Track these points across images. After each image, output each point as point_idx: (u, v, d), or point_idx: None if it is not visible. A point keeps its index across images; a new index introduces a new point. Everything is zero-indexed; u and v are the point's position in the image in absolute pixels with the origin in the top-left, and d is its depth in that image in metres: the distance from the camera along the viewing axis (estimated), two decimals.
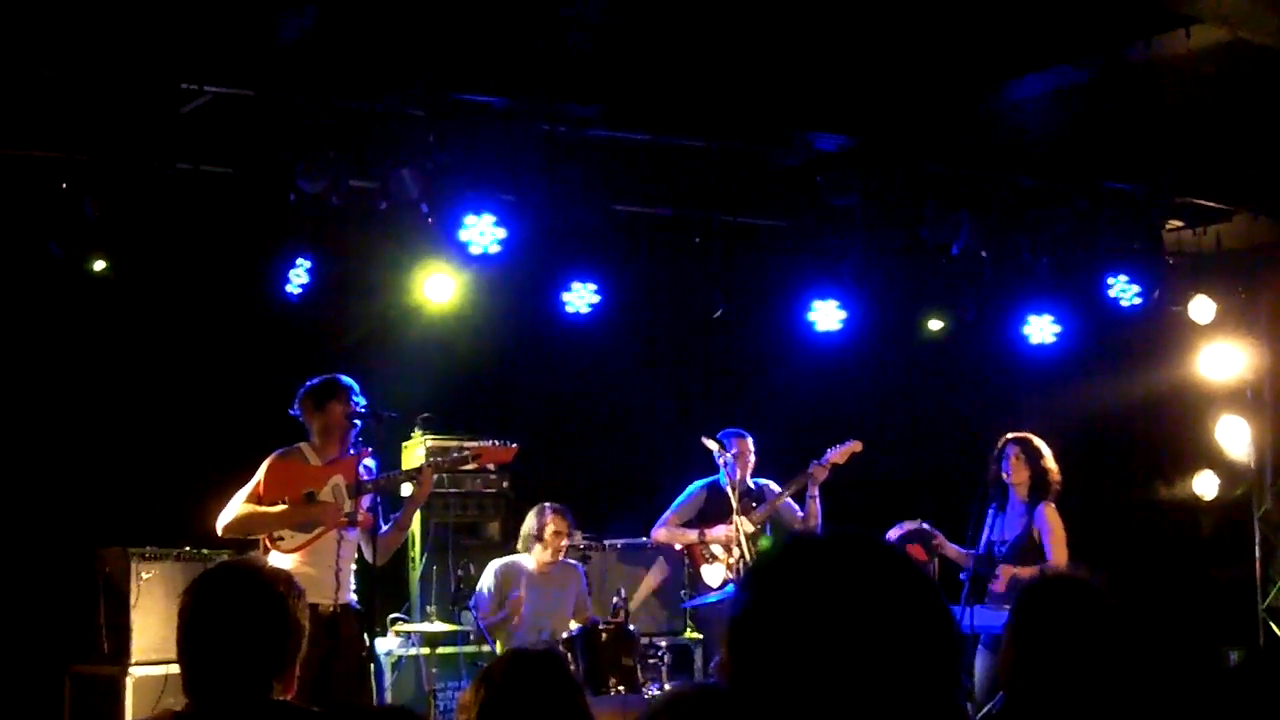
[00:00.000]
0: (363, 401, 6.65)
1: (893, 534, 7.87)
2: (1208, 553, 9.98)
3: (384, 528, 6.72)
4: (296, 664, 2.84)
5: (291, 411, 6.68)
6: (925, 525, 7.84)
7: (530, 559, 7.89)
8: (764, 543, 8.25)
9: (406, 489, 6.94)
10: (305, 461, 6.62)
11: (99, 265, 7.46)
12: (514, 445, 7.24)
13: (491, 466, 8.26)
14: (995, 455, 7.60)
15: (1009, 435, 7.64)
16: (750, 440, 8.33)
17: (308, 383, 6.69)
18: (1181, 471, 9.89)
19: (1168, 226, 9.32)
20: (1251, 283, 9.76)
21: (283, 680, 2.80)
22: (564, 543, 7.85)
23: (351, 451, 6.67)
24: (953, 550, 7.77)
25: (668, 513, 8.47)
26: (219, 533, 6.48)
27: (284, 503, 6.48)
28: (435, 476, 6.92)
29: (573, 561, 8.13)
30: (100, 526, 7.62)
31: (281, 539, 6.46)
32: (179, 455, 7.95)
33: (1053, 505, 7.51)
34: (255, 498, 6.49)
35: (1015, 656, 3.20)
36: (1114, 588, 3.25)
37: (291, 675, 2.83)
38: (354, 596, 6.59)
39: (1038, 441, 7.60)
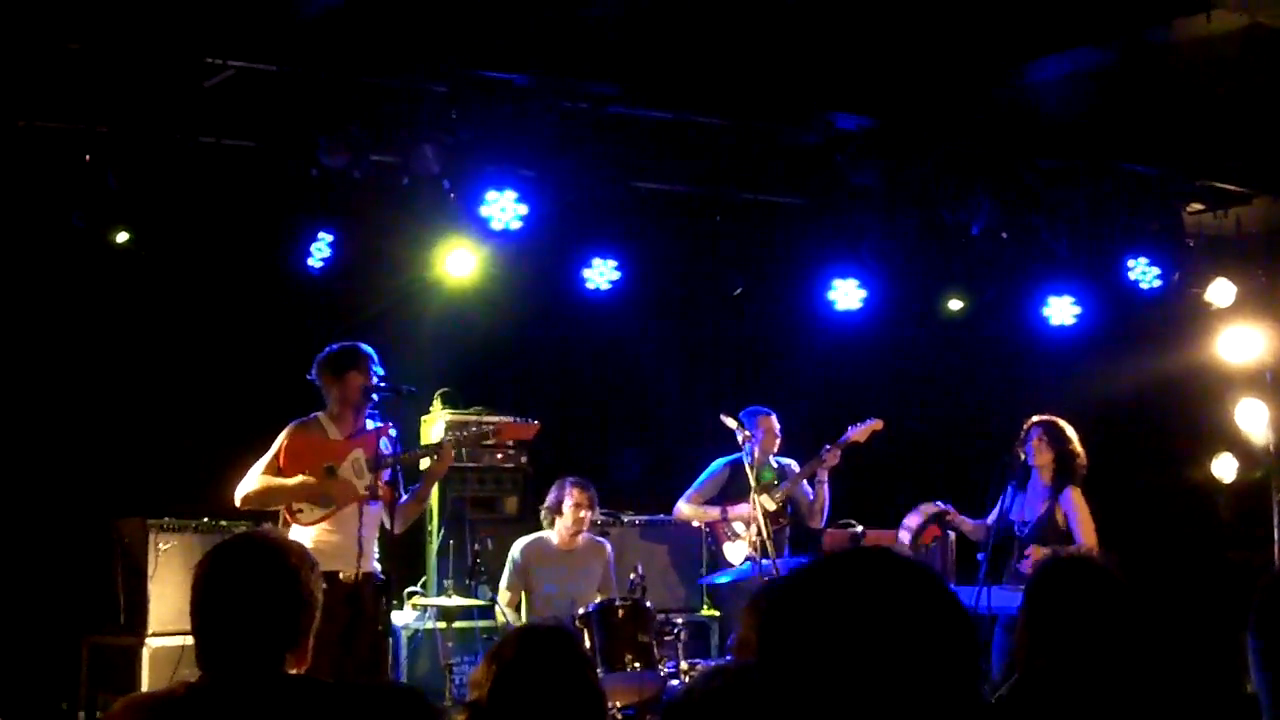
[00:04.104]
0: (381, 372, 6.64)
1: (912, 520, 7.87)
2: (1226, 535, 9.96)
3: (403, 497, 6.75)
4: (310, 637, 2.83)
5: (309, 376, 6.67)
6: (940, 504, 7.85)
7: (551, 536, 7.93)
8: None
9: (425, 464, 6.98)
10: (325, 434, 6.60)
11: (121, 237, 7.51)
12: (535, 423, 7.23)
13: (510, 442, 8.28)
14: (1021, 436, 7.60)
15: (1035, 418, 7.64)
16: (774, 418, 8.34)
17: (328, 348, 6.67)
18: (1200, 454, 9.86)
19: (1188, 209, 9.29)
20: (1271, 265, 9.71)
21: (296, 653, 2.80)
22: (584, 515, 7.87)
23: (370, 426, 6.67)
24: (967, 524, 7.79)
25: (691, 489, 8.50)
26: (237, 503, 6.48)
27: (304, 475, 6.49)
28: (454, 452, 6.94)
29: (600, 539, 8.15)
30: (119, 497, 7.67)
31: (300, 511, 6.46)
32: (199, 427, 7.99)
33: (1078, 489, 7.50)
34: (275, 469, 6.47)
35: (1029, 638, 3.22)
36: (1131, 570, 3.26)
37: (305, 648, 2.82)
38: (378, 565, 6.60)
39: (1063, 424, 7.58)
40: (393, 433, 6.72)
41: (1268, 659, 2.35)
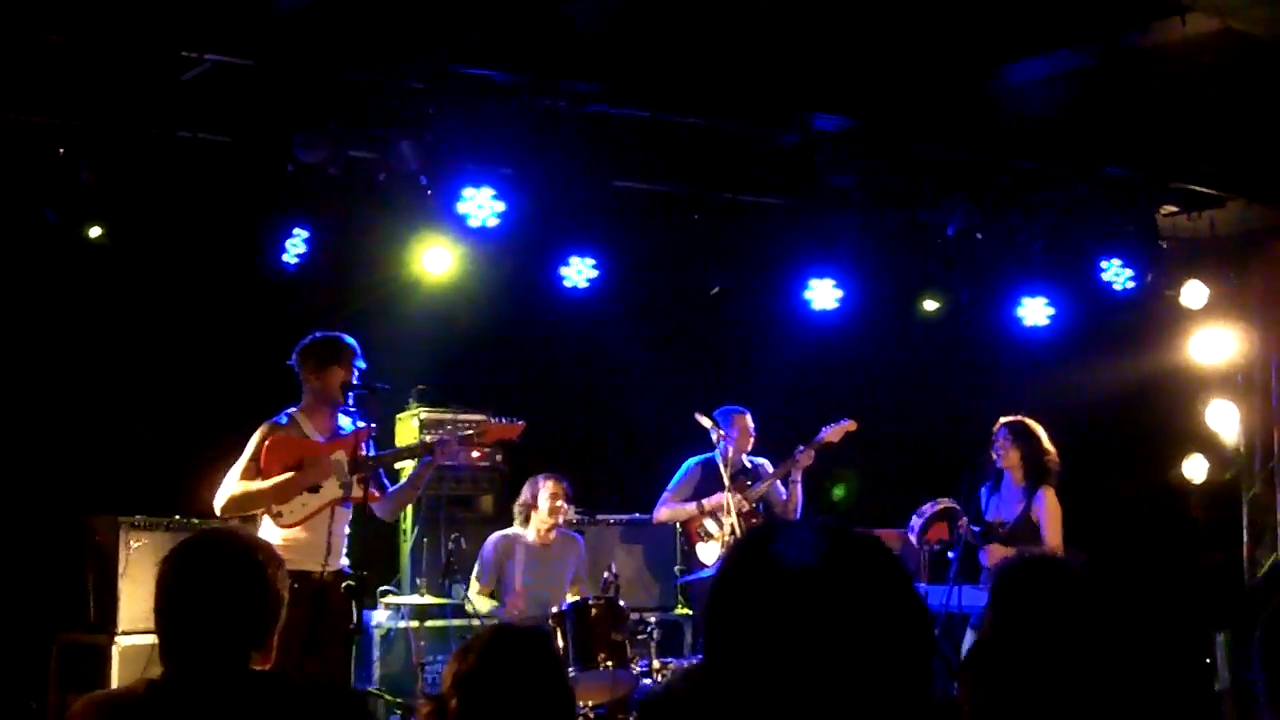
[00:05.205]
0: (364, 366, 6.55)
1: (927, 508, 7.83)
2: (1197, 536, 10.02)
3: (391, 488, 6.70)
4: (275, 634, 2.84)
5: (289, 362, 6.56)
6: (953, 504, 7.80)
7: (527, 531, 7.92)
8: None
9: (410, 465, 6.90)
10: (304, 434, 6.49)
11: (94, 232, 7.47)
12: (520, 422, 7.04)
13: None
14: (991, 438, 7.61)
15: (1002, 419, 7.65)
16: (749, 417, 8.36)
17: (312, 335, 6.57)
18: (1171, 455, 9.92)
19: (1162, 211, 9.34)
20: (1244, 268, 9.78)
21: (261, 650, 2.80)
22: (560, 504, 7.85)
23: (349, 427, 6.58)
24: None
25: (666, 492, 8.51)
26: (218, 512, 6.36)
27: (283, 476, 6.35)
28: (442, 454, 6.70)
29: (574, 535, 8.14)
30: (91, 495, 7.62)
31: (280, 514, 6.36)
32: (171, 424, 7.96)
33: (1052, 490, 7.47)
34: (254, 472, 6.35)
35: (994, 638, 3.22)
36: (1103, 570, 3.27)
37: (270, 645, 2.82)
38: (347, 561, 6.53)
39: (1031, 424, 7.58)
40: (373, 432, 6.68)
41: (1275, 695, 2.36)
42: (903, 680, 1.60)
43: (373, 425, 6.66)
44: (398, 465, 7.22)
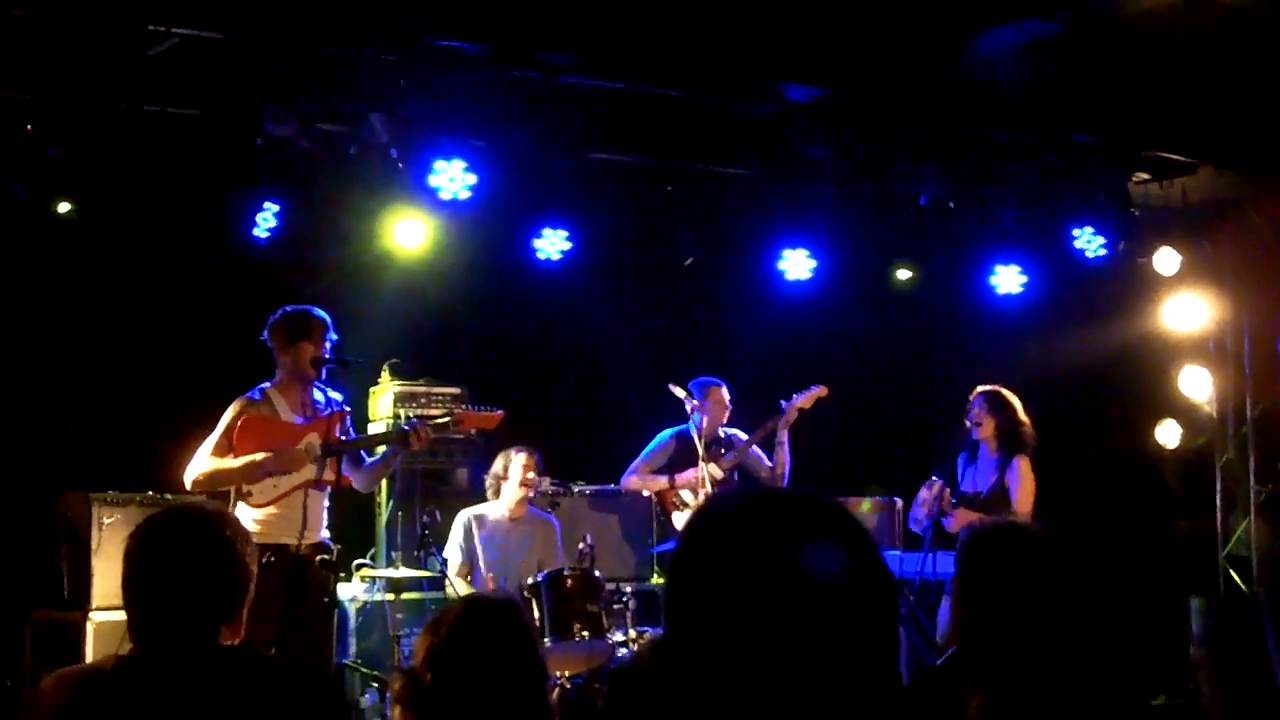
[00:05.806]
0: (335, 337, 6.52)
1: (924, 494, 7.68)
2: (1170, 502, 10.08)
3: (368, 460, 6.69)
4: (244, 609, 2.84)
5: (261, 337, 6.53)
6: (941, 482, 7.71)
7: (498, 506, 7.90)
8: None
9: (383, 449, 6.88)
10: (276, 413, 6.44)
11: (63, 207, 7.42)
12: (499, 412, 6.98)
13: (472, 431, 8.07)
14: (966, 408, 7.59)
15: (978, 389, 7.63)
16: (725, 389, 8.36)
17: (282, 310, 6.53)
18: (1145, 421, 9.97)
19: (1133, 179, 9.37)
20: (1215, 235, 9.81)
21: (230, 625, 2.81)
22: (531, 476, 7.84)
23: (323, 400, 6.56)
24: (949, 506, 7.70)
25: (637, 461, 8.51)
26: (188, 487, 6.33)
27: (254, 457, 6.30)
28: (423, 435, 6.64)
29: (547, 515, 8.12)
30: (63, 471, 7.58)
31: (250, 494, 6.32)
32: (143, 399, 7.92)
33: (1027, 459, 7.43)
34: (225, 449, 6.30)
35: (963, 609, 3.23)
36: (1075, 536, 3.28)
37: (239, 620, 2.83)
38: (327, 534, 6.51)
39: (1006, 394, 7.54)
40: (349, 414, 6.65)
41: None
42: (864, 648, 1.59)
43: (348, 409, 6.62)
44: None
